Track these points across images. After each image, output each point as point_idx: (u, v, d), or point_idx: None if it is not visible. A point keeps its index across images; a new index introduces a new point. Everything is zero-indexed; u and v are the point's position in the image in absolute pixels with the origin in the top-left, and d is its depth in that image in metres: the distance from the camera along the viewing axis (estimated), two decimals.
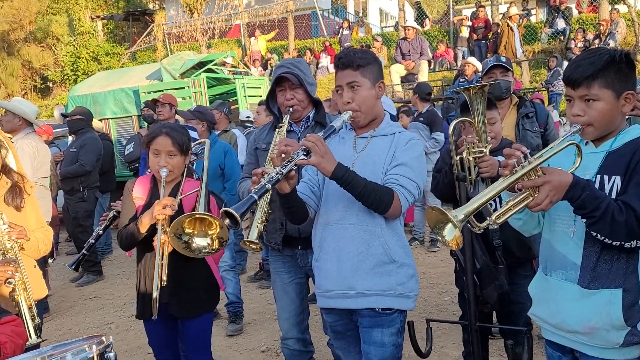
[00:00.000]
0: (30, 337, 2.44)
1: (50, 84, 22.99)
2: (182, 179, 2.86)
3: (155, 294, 2.63)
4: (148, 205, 2.75)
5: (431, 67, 13.32)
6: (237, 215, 1.91)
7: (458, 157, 2.75)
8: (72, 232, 6.81)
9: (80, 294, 6.24)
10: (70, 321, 5.34)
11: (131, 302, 5.57)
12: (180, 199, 2.79)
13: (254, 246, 2.59)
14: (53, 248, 7.66)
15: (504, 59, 3.88)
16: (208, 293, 2.91)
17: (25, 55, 21.62)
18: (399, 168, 2.31)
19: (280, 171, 2.08)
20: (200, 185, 2.82)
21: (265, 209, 2.63)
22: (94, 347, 1.59)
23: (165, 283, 2.62)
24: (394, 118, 5.21)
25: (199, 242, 2.67)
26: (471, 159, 2.71)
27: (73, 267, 3.31)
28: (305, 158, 2.14)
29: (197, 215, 2.63)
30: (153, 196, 2.82)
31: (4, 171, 2.81)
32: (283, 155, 2.15)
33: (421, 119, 6.57)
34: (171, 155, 2.76)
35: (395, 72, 12.11)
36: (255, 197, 1.99)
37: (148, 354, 4.19)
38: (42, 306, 3.02)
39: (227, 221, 1.96)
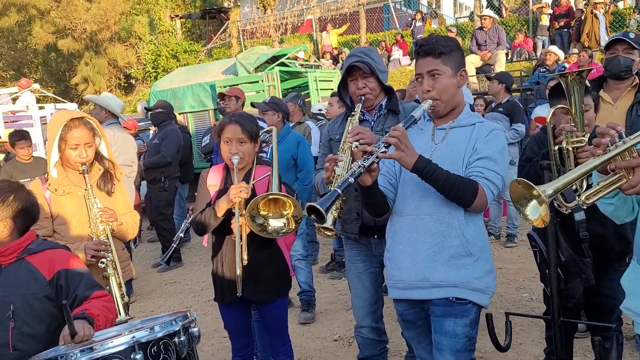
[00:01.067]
0: (120, 314, 2.58)
1: (132, 81, 24.18)
2: (252, 166, 2.93)
3: (239, 272, 2.68)
4: (222, 192, 2.83)
5: (509, 58, 12.83)
6: (322, 210, 1.93)
7: (556, 147, 2.62)
8: (154, 220, 7.14)
9: (161, 279, 6.54)
10: (152, 304, 5.61)
11: (208, 287, 5.76)
12: (253, 185, 2.85)
13: (328, 233, 2.60)
14: (138, 233, 8.08)
15: (632, 35, 3.54)
16: (281, 278, 2.96)
17: (110, 54, 22.85)
18: (483, 161, 2.25)
19: (362, 164, 2.08)
20: (271, 169, 2.87)
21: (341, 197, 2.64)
22: (180, 320, 1.66)
23: (247, 262, 2.67)
24: (471, 108, 5.07)
25: (275, 223, 2.71)
26: (570, 148, 2.58)
27: (164, 260, 3.45)
28: (387, 151, 2.13)
29: (271, 196, 2.67)
30: (226, 183, 2.90)
31: (97, 158, 2.98)
32: (359, 143, 2.15)
33: (501, 109, 6.36)
34: (241, 143, 2.82)
35: (471, 63, 11.74)
36: (339, 191, 2.01)
37: (224, 337, 4.33)
38: (130, 287, 3.20)
39: (312, 216, 1.99)
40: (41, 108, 11.42)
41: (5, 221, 2.01)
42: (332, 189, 2.06)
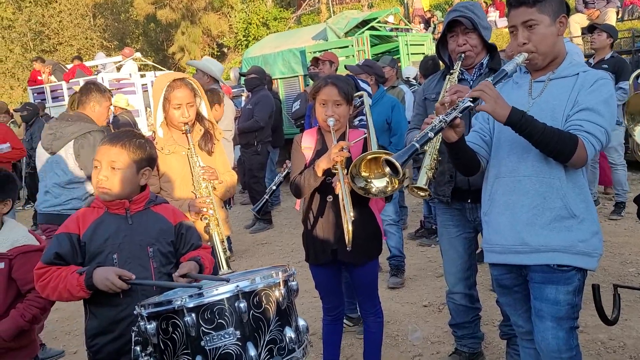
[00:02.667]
0: (222, 267, 2.71)
1: (225, 50, 24.85)
2: (346, 129, 2.91)
3: (350, 227, 2.65)
4: (321, 152, 2.84)
5: (619, 16, 11.78)
6: (397, 163, 1.89)
7: None
8: (247, 182, 7.40)
9: (253, 239, 6.79)
10: (246, 263, 5.85)
11: (298, 250, 5.92)
12: (348, 147, 2.83)
13: (422, 193, 2.55)
14: (231, 197, 8.41)
15: None
16: (373, 241, 2.96)
17: (205, 23, 23.59)
18: (583, 113, 2.08)
19: (444, 119, 2.01)
20: (368, 131, 2.84)
21: (435, 156, 2.57)
22: (280, 273, 1.71)
23: (354, 217, 2.68)
24: None
25: (378, 183, 2.68)
26: None
27: (256, 210, 3.56)
28: (472, 105, 2.04)
29: (370, 156, 2.63)
30: (322, 145, 2.91)
31: (197, 119, 3.10)
32: (449, 103, 2.07)
33: (605, 65, 5.79)
34: (337, 105, 2.80)
35: (576, 23, 10.91)
36: (417, 145, 1.95)
37: (314, 297, 4.43)
38: (230, 242, 3.34)
39: (387, 169, 1.95)
40: (142, 76, 12.09)
41: (145, 170, 2.17)
42: (411, 142, 2.00)
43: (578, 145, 2.04)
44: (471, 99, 2.03)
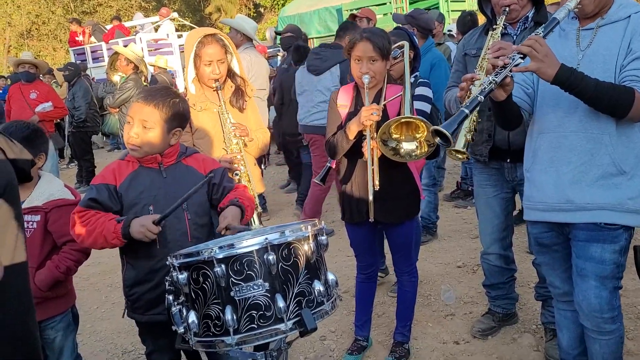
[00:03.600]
0: (254, 223, 2.73)
1: (261, 10, 24.62)
2: (384, 85, 2.84)
3: (370, 198, 2.68)
4: (352, 114, 2.79)
5: None
6: (447, 133, 1.83)
7: None
8: (282, 143, 7.38)
9: (288, 199, 6.84)
10: (280, 221, 5.91)
11: (331, 209, 5.93)
12: (384, 105, 2.77)
13: (460, 155, 2.48)
14: (266, 157, 8.45)
15: None
16: (410, 200, 2.92)
17: None
18: (639, 62, 1.96)
19: (494, 80, 1.92)
20: (403, 89, 2.76)
21: (474, 117, 2.48)
22: (309, 227, 1.70)
23: (378, 187, 2.66)
24: None
25: (407, 146, 2.64)
26: None
27: (320, 179, 3.54)
28: (523, 61, 1.94)
29: (403, 119, 2.59)
30: (357, 104, 2.85)
31: (229, 75, 3.08)
32: (496, 60, 1.98)
33: None
34: (373, 61, 2.72)
35: None
36: (467, 111, 1.88)
37: (347, 256, 4.46)
38: (263, 198, 3.36)
39: (437, 139, 1.90)
40: (179, 37, 12.10)
41: (176, 130, 2.18)
42: (460, 108, 1.93)
43: (635, 98, 1.93)
44: (522, 55, 1.93)
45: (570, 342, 2.42)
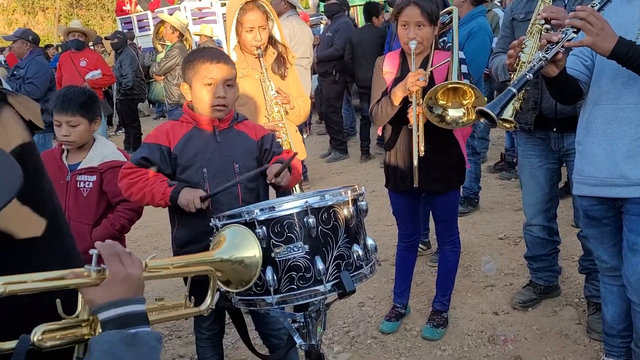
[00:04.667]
0: (294, 190, 2.76)
1: None
2: (431, 51, 2.78)
3: (415, 163, 2.66)
4: (398, 80, 2.75)
5: None
6: (493, 114, 1.78)
7: None
8: (324, 112, 7.39)
9: (329, 168, 6.86)
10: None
11: (372, 179, 5.92)
12: (431, 71, 2.72)
13: (507, 125, 2.42)
14: (307, 126, 8.47)
15: None
16: (455, 169, 2.88)
17: None
18: None
19: (544, 56, 1.85)
20: (451, 55, 2.70)
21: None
22: (349, 192, 1.71)
23: (423, 153, 2.64)
24: None
25: (454, 113, 2.59)
26: None
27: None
28: (577, 35, 1.86)
29: (450, 85, 2.54)
30: (403, 70, 2.81)
31: (270, 42, 3.08)
32: (550, 36, 1.90)
33: None
34: (420, 26, 2.66)
35: None
36: (514, 90, 1.83)
37: (387, 226, 4.47)
38: (304, 168, 3.38)
39: (483, 120, 1.86)
40: (223, 5, 12.10)
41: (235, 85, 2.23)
42: (508, 87, 1.87)
43: None
44: (575, 30, 1.86)
45: (615, 316, 2.38)
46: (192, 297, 1.37)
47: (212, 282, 1.36)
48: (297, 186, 2.85)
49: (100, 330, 0.99)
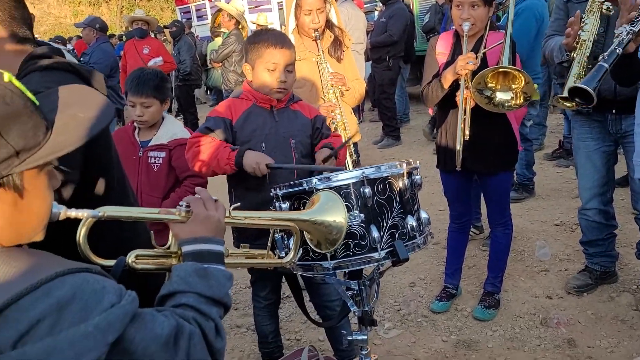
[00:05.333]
0: (347, 167, 2.84)
1: None
2: (485, 32, 2.77)
3: (458, 147, 2.70)
4: (450, 62, 2.77)
5: None
6: (590, 90, 1.77)
7: None
8: (377, 98, 7.40)
9: (381, 155, 6.89)
10: None
11: (425, 166, 5.84)
12: (484, 53, 2.72)
13: (568, 103, 2.41)
14: (360, 113, 8.50)
15: None
16: (506, 151, 2.88)
17: None
18: None
19: (631, 29, 1.83)
20: (504, 37, 2.69)
21: (584, 64, 2.37)
22: (404, 165, 1.77)
23: (468, 137, 2.66)
24: None
25: (502, 96, 2.60)
26: None
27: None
28: None
29: (501, 69, 2.54)
30: (455, 52, 2.82)
31: (327, 25, 3.15)
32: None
33: None
34: (474, 7, 2.66)
35: None
36: (606, 65, 1.80)
37: (440, 210, 4.48)
38: (356, 148, 3.45)
39: (576, 99, 1.85)
40: None
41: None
42: (599, 63, 1.84)
43: None
44: None
45: None
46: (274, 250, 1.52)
47: (296, 238, 1.48)
48: (350, 165, 2.93)
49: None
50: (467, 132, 2.66)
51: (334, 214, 1.50)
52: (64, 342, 0.76)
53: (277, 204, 1.80)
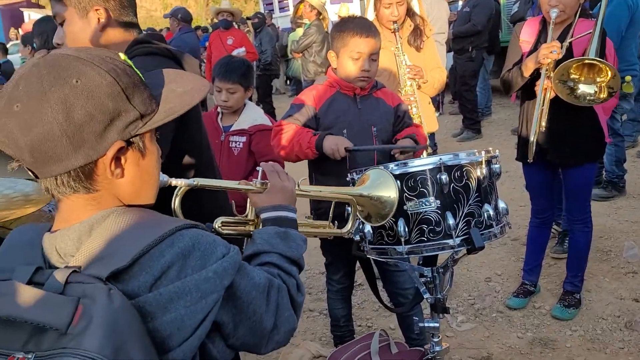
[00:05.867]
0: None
1: None
2: (574, 20, 2.65)
3: (532, 139, 2.62)
4: (535, 50, 2.67)
5: None
6: None
7: None
8: (458, 90, 7.23)
9: (460, 148, 6.72)
10: None
11: (506, 160, 5.66)
12: (570, 42, 2.60)
13: None
14: (440, 103, 8.35)
15: None
16: (591, 142, 2.75)
17: None
18: None
19: None
20: (594, 27, 2.55)
21: None
22: (483, 153, 1.74)
23: (544, 129, 2.57)
24: None
25: (585, 88, 2.49)
26: None
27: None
28: None
29: (587, 61, 2.43)
30: (540, 39, 2.71)
31: (408, 14, 3.13)
32: None
33: None
34: None
35: None
36: None
37: (520, 206, 4.33)
38: (434, 139, 3.41)
39: None
40: None
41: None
42: None
43: None
44: None
45: None
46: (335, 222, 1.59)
47: (353, 210, 1.55)
48: (425, 154, 2.90)
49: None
50: (543, 124, 2.56)
51: (387, 190, 1.54)
52: (190, 284, 0.87)
53: None
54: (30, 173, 0.91)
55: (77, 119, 0.84)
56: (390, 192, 1.53)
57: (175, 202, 1.20)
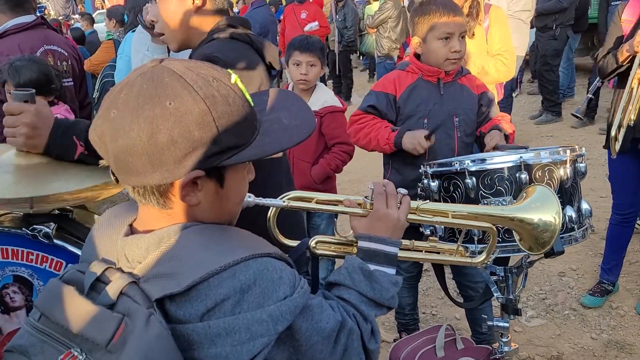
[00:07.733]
0: None
1: None
2: None
3: (613, 133, 2.47)
4: (635, 32, 2.47)
5: None
6: None
7: None
8: (538, 70, 6.87)
9: (538, 130, 6.45)
10: None
11: (588, 146, 5.39)
12: None
13: None
14: (518, 82, 7.98)
15: None
16: None
17: None
18: None
19: None
20: None
21: None
22: (567, 151, 1.65)
23: (633, 122, 2.39)
24: None
25: None
26: None
27: (578, 113, 3.34)
28: None
29: None
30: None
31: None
32: None
33: None
34: None
35: None
36: None
37: (601, 197, 4.11)
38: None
39: None
40: None
41: None
42: None
43: None
44: None
45: None
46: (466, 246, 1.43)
47: (492, 239, 1.31)
48: None
49: None
50: (632, 117, 2.37)
51: (541, 213, 1.29)
52: (242, 323, 0.83)
53: (425, 182, 1.79)
54: (112, 176, 0.93)
55: (159, 141, 0.84)
56: (546, 215, 1.29)
57: (270, 218, 1.21)
